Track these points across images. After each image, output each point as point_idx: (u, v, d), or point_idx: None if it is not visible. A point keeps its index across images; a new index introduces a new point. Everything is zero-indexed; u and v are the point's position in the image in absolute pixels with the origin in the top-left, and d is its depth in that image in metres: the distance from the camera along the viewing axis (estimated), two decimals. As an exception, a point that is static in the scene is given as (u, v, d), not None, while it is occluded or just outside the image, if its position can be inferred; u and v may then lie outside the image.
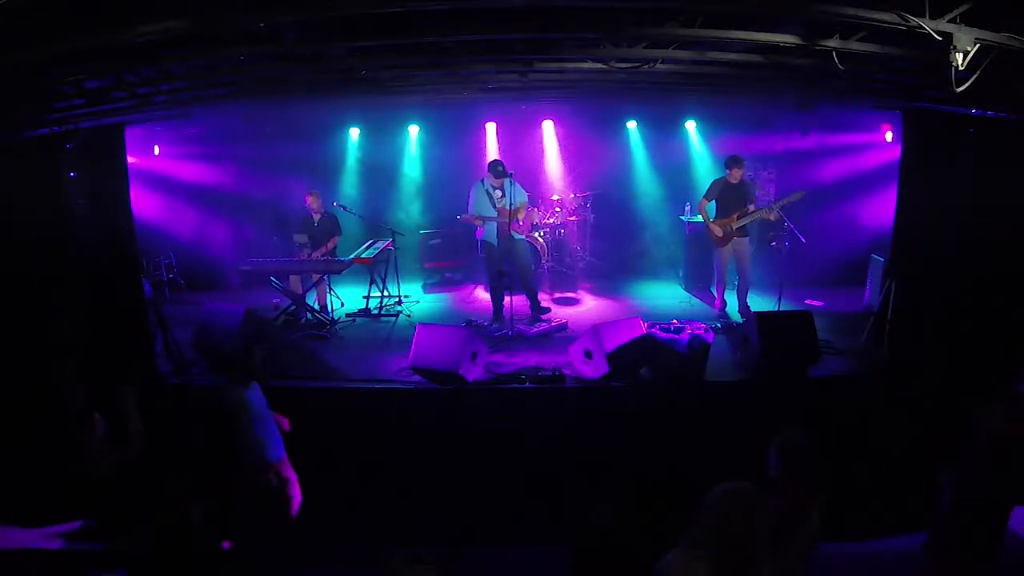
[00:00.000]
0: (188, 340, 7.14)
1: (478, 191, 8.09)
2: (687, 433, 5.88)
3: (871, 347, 7.21)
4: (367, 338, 8.17)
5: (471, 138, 10.87)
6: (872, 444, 5.78)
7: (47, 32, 3.78)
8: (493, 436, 6.00)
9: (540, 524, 4.95)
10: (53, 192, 6.40)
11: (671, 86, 6.58)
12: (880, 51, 4.40)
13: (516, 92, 7.45)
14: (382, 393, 6.47)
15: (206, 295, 9.64)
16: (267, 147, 10.44)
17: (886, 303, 7.09)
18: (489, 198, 8.00)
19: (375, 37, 4.40)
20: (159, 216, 9.98)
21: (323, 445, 5.60)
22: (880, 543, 5.01)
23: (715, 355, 6.65)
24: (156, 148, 10.24)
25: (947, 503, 4.05)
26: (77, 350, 5.11)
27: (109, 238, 6.76)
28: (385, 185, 11.25)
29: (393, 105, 9.21)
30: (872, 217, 9.47)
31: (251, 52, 4.67)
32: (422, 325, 6.65)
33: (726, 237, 8.13)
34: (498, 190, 7.93)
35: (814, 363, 6.55)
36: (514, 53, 5.16)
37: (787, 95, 7.71)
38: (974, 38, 3.62)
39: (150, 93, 5.55)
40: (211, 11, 3.70)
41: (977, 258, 6.59)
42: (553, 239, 9.96)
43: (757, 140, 10.30)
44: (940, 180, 6.77)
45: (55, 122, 5.75)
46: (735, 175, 8.03)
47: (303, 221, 9.06)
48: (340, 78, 5.74)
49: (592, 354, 6.42)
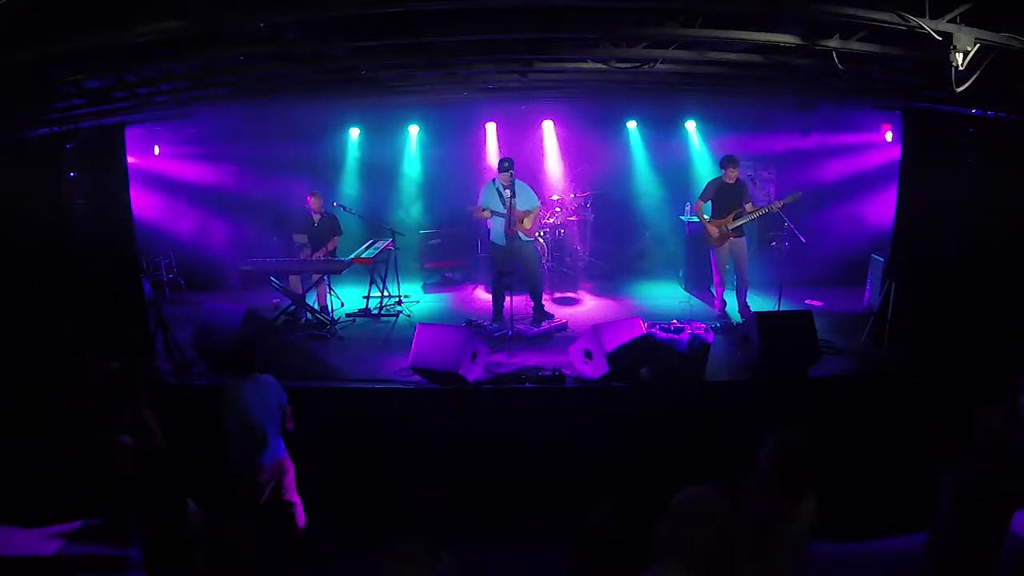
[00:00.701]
0: (188, 340, 7.14)
1: (488, 190, 8.10)
2: (687, 433, 5.87)
3: (871, 347, 7.21)
4: (367, 338, 8.17)
5: (471, 138, 10.87)
6: (872, 444, 5.78)
7: (47, 32, 3.78)
8: (493, 436, 6.00)
9: (540, 524, 4.95)
10: (53, 192, 6.41)
11: (671, 86, 6.58)
12: (880, 51, 4.40)
13: (516, 92, 7.45)
14: (382, 393, 6.47)
15: (206, 295, 9.63)
16: (267, 147, 10.44)
17: (886, 303, 7.09)
18: (500, 197, 7.98)
19: (375, 37, 4.40)
20: (159, 216, 9.98)
21: (323, 445, 5.60)
22: (880, 543, 5.01)
23: (715, 355, 6.64)
24: (156, 148, 10.24)
25: (947, 503, 4.05)
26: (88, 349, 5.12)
27: (109, 238, 6.77)
28: (385, 185, 11.24)
29: (393, 105, 9.21)
30: (872, 217, 9.48)
31: (251, 52, 4.68)
32: (422, 325, 6.65)
33: (722, 237, 8.14)
34: (508, 189, 7.93)
35: (814, 363, 6.54)
36: (514, 53, 5.16)
37: (787, 95, 7.72)
38: (974, 38, 3.62)
39: (150, 93, 5.55)
40: (211, 11, 3.70)
41: (977, 258, 6.60)
42: (553, 239, 9.96)
43: (757, 140, 10.30)
44: (940, 180, 6.77)
45: (55, 122, 5.75)
46: (730, 175, 8.04)
47: (303, 221, 9.06)
48: (340, 78, 5.74)
49: (592, 354, 6.42)
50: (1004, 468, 3.86)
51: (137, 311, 6.85)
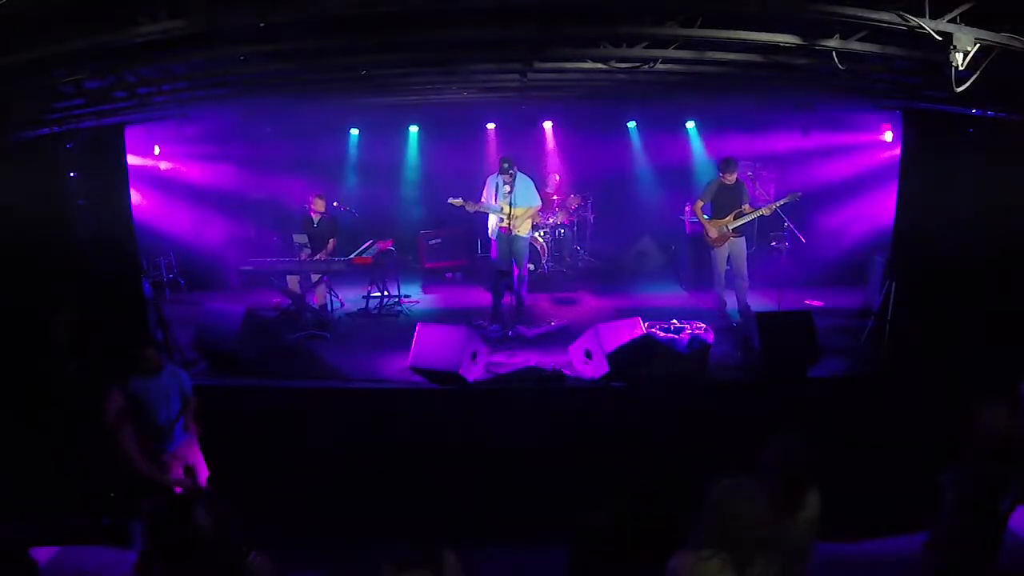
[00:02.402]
0: (188, 340, 7.14)
1: (490, 184, 8.13)
2: (687, 433, 5.87)
3: (871, 348, 7.21)
4: (367, 338, 8.17)
5: (471, 138, 10.88)
6: (872, 444, 5.77)
7: (47, 32, 3.78)
8: (493, 436, 6.00)
9: (540, 524, 4.95)
10: (53, 192, 6.41)
11: (671, 86, 6.57)
12: (880, 51, 4.40)
13: (516, 92, 7.45)
14: (382, 393, 6.46)
15: (206, 295, 9.64)
16: (267, 147, 10.45)
17: (886, 303, 7.09)
18: (498, 191, 8.00)
19: (375, 37, 4.40)
20: (159, 216, 9.98)
21: (323, 445, 5.60)
22: (880, 543, 5.00)
23: (715, 355, 6.64)
24: (156, 148, 10.24)
25: (947, 503, 4.05)
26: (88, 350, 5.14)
27: (109, 238, 6.76)
28: (385, 185, 11.25)
29: (393, 105, 9.21)
30: (872, 217, 9.47)
31: (251, 52, 4.67)
32: (422, 325, 6.65)
33: (722, 238, 8.15)
34: (507, 185, 7.94)
35: (814, 363, 6.55)
36: (514, 53, 5.16)
37: (787, 95, 7.72)
38: (974, 38, 3.62)
39: (150, 93, 5.55)
40: (211, 11, 3.70)
41: (977, 258, 6.59)
42: (553, 239, 9.96)
43: (757, 140, 10.30)
44: (940, 180, 6.77)
45: (55, 122, 5.75)
46: (729, 177, 8.06)
47: (302, 222, 9.06)
48: (340, 78, 5.74)
49: (592, 354, 6.42)
50: (1004, 468, 3.87)
51: (137, 311, 6.85)
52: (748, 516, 2.53)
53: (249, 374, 6.81)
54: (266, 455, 5.46)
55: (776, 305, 8.06)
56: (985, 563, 3.98)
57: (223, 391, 6.62)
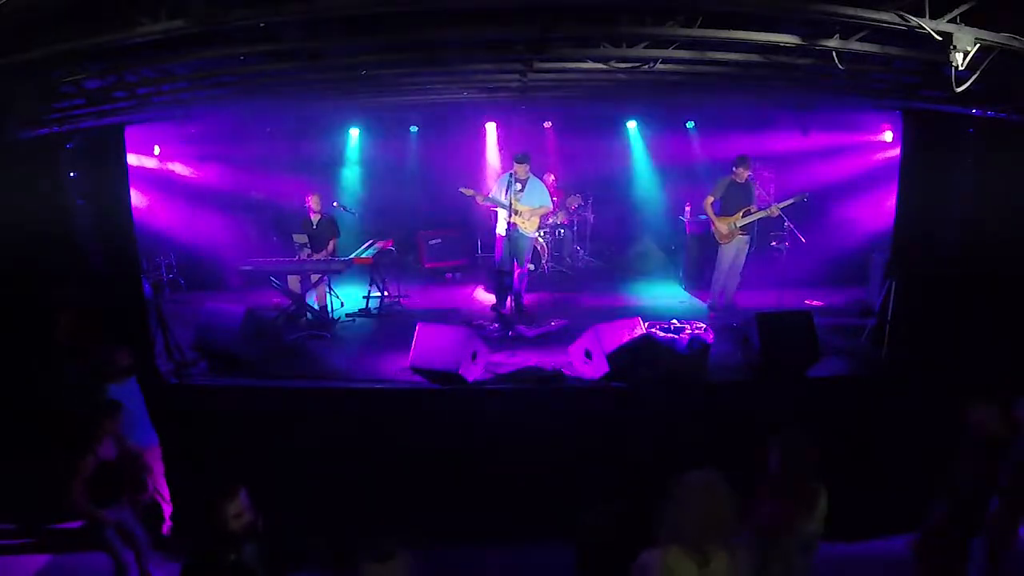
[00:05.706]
0: (188, 340, 7.14)
1: (502, 180, 8.15)
2: (687, 433, 5.87)
3: (871, 347, 7.21)
4: (367, 338, 8.17)
5: (471, 138, 10.88)
6: (872, 444, 5.77)
7: (47, 32, 3.78)
8: (493, 436, 5.99)
9: (540, 524, 4.95)
10: (53, 192, 6.40)
11: (671, 86, 6.57)
12: (880, 51, 4.40)
13: (516, 92, 7.45)
14: (382, 393, 6.46)
15: (206, 295, 9.63)
16: (267, 147, 10.44)
17: (886, 303, 7.08)
18: (509, 188, 7.99)
19: (375, 37, 4.40)
20: (159, 216, 9.98)
21: (323, 445, 5.60)
22: (880, 543, 5.01)
23: (715, 355, 6.64)
24: (156, 148, 10.24)
25: (947, 503, 4.05)
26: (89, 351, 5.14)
27: (109, 238, 6.76)
28: (385, 185, 11.25)
29: (393, 105, 9.21)
30: (872, 217, 9.47)
31: (251, 52, 4.67)
32: (422, 325, 6.64)
33: (731, 234, 8.18)
34: (518, 183, 7.93)
35: (814, 363, 6.54)
36: (514, 53, 5.15)
37: (787, 95, 7.71)
38: (974, 38, 3.62)
39: (150, 93, 5.55)
40: (211, 11, 3.70)
41: (977, 258, 6.59)
42: (553, 239, 9.96)
43: (757, 140, 10.29)
44: (940, 180, 6.77)
45: (55, 122, 5.75)
46: (741, 174, 8.07)
47: (302, 222, 9.06)
48: (340, 78, 5.74)
49: (592, 354, 6.42)
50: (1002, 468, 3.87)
51: (137, 311, 6.84)
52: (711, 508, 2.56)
53: (249, 374, 6.81)
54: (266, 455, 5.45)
55: (776, 305, 8.06)
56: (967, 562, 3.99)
57: (223, 391, 6.63)
